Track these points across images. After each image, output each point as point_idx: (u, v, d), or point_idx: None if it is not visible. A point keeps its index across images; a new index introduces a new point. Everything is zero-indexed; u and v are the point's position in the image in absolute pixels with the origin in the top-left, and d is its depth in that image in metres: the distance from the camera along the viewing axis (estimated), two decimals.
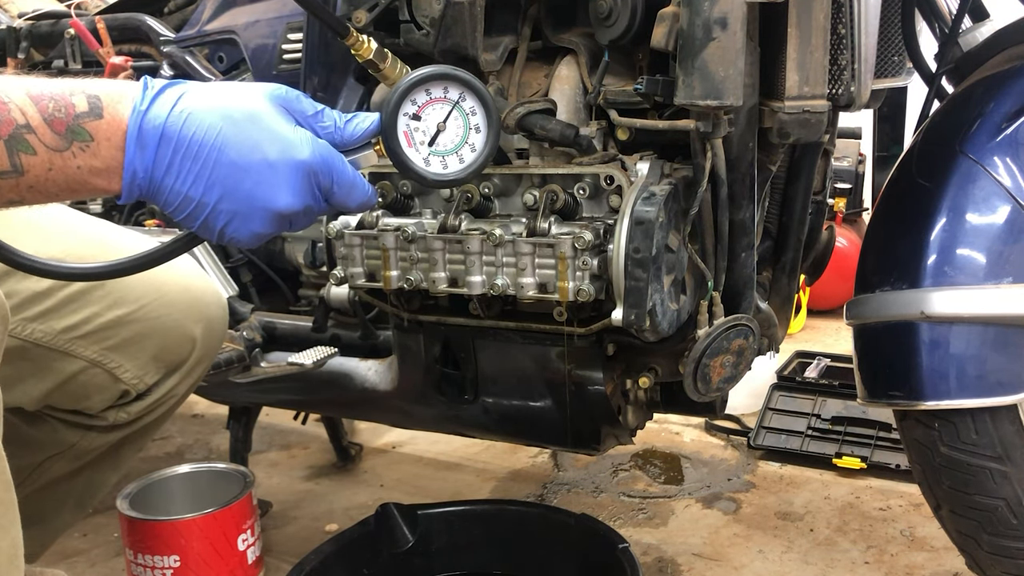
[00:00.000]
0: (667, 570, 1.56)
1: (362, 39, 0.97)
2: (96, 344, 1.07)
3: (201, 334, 1.16)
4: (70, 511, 1.25)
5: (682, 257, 1.12)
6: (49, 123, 0.72)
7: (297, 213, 0.80)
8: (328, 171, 0.79)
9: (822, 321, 2.91)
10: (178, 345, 1.15)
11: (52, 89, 0.73)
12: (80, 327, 1.06)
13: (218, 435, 2.21)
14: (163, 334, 1.12)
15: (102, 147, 0.73)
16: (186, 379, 1.18)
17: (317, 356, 1.38)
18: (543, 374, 1.25)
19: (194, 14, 1.57)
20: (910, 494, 1.75)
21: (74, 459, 1.18)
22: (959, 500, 1.20)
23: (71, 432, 1.15)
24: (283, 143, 0.77)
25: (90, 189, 0.75)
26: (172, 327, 1.13)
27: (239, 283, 1.54)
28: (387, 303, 1.28)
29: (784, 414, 2.03)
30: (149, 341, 1.11)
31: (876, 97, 1.32)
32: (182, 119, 0.74)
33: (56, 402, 1.11)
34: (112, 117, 0.74)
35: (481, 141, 0.87)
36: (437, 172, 0.87)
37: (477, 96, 0.87)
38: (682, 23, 0.99)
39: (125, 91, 0.75)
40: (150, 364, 1.13)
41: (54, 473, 1.18)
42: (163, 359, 1.14)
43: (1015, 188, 1.14)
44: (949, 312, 1.14)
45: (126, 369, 1.11)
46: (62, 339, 1.05)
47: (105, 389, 1.11)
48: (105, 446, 1.18)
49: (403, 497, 1.64)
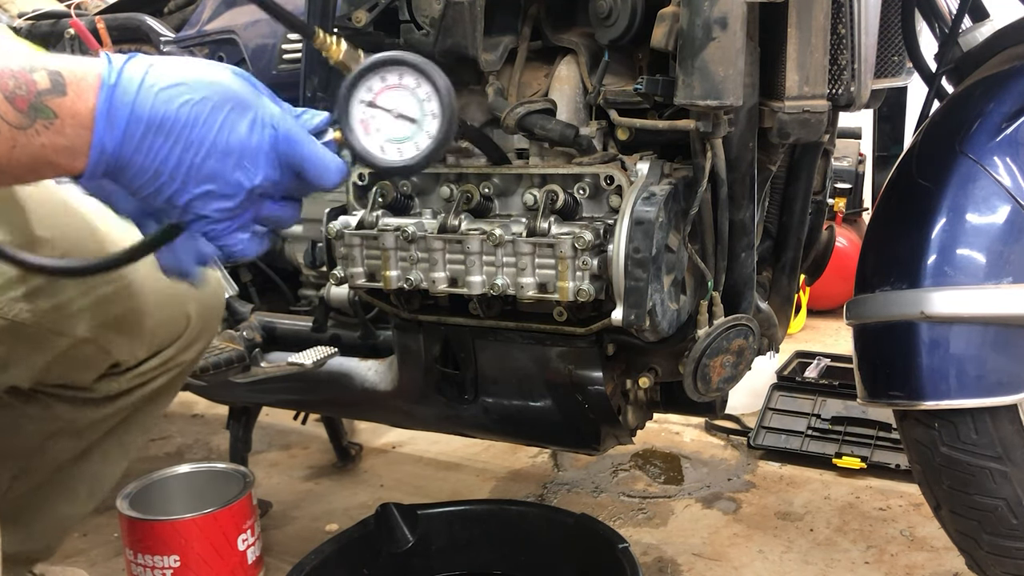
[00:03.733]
0: (667, 570, 1.56)
1: (330, 41, 0.96)
2: (87, 322, 1.07)
3: (195, 310, 1.16)
4: (82, 500, 1.25)
5: (682, 257, 1.12)
6: (11, 101, 0.69)
7: (266, 187, 0.78)
8: (296, 145, 0.78)
9: (822, 321, 2.91)
10: (171, 321, 1.14)
11: (12, 65, 0.71)
12: (69, 305, 1.05)
13: (218, 435, 2.21)
14: (155, 310, 1.11)
15: (67, 125, 0.71)
16: (183, 352, 1.17)
17: (317, 356, 1.38)
18: (543, 374, 1.24)
19: (194, 14, 1.57)
20: (910, 494, 1.75)
21: (76, 437, 1.17)
22: (959, 500, 1.20)
23: (64, 407, 1.14)
24: (251, 117, 0.76)
25: (54, 168, 0.73)
26: (164, 303, 1.12)
27: (239, 283, 1.54)
28: (387, 303, 1.28)
29: (784, 414, 2.03)
30: (141, 317, 1.11)
31: (876, 97, 1.32)
32: (152, 95, 0.73)
33: (47, 378, 1.11)
34: (77, 94, 0.71)
35: (435, 127, 0.85)
36: (392, 160, 0.85)
37: (430, 82, 0.85)
38: (682, 23, 0.99)
39: (88, 67, 0.73)
40: (143, 340, 1.12)
41: (59, 455, 1.18)
42: (156, 334, 1.13)
43: (1015, 188, 1.14)
44: (949, 312, 1.14)
45: (117, 344, 1.11)
46: (52, 318, 1.04)
47: (96, 362, 1.11)
48: (103, 422, 1.17)
49: (403, 497, 1.64)
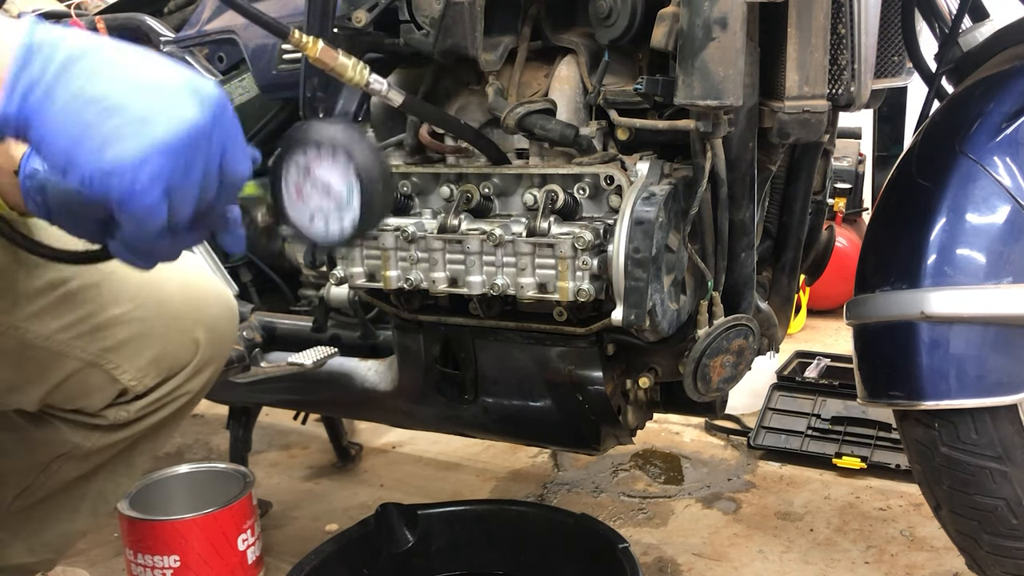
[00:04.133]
0: (667, 570, 1.56)
1: (306, 40, 0.94)
2: (93, 344, 1.07)
3: (205, 337, 1.14)
4: (84, 517, 1.24)
5: (682, 257, 1.12)
6: None
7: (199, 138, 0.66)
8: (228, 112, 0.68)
9: (822, 321, 2.91)
10: (180, 347, 1.13)
11: None
12: (75, 326, 1.05)
13: (218, 435, 2.21)
14: (162, 336, 1.10)
15: None
16: (192, 380, 1.16)
17: (317, 356, 1.38)
18: (543, 374, 1.24)
19: (194, 14, 1.57)
20: (910, 494, 1.75)
21: (82, 460, 1.17)
22: (959, 500, 1.20)
23: (73, 431, 1.14)
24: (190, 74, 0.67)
25: None
26: (172, 328, 1.11)
27: (239, 283, 1.54)
28: (387, 303, 1.28)
29: (784, 414, 2.03)
30: (147, 342, 1.10)
31: (876, 97, 1.32)
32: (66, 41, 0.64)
33: (55, 402, 1.11)
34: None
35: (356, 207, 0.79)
36: (320, 232, 0.81)
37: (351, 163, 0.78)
38: (682, 23, 0.99)
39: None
40: (150, 366, 1.11)
41: (65, 476, 1.18)
42: (163, 361, 1.12)
43: (1015, 188, 1.14)
44: (949, 312, 1.14)
45: (124, 370, 1.09)
46: (58, 339, 1.04)
47: (103, 389, 1.10)
48: (111, 447, 1.17)
49: (403, 497, 1.64)
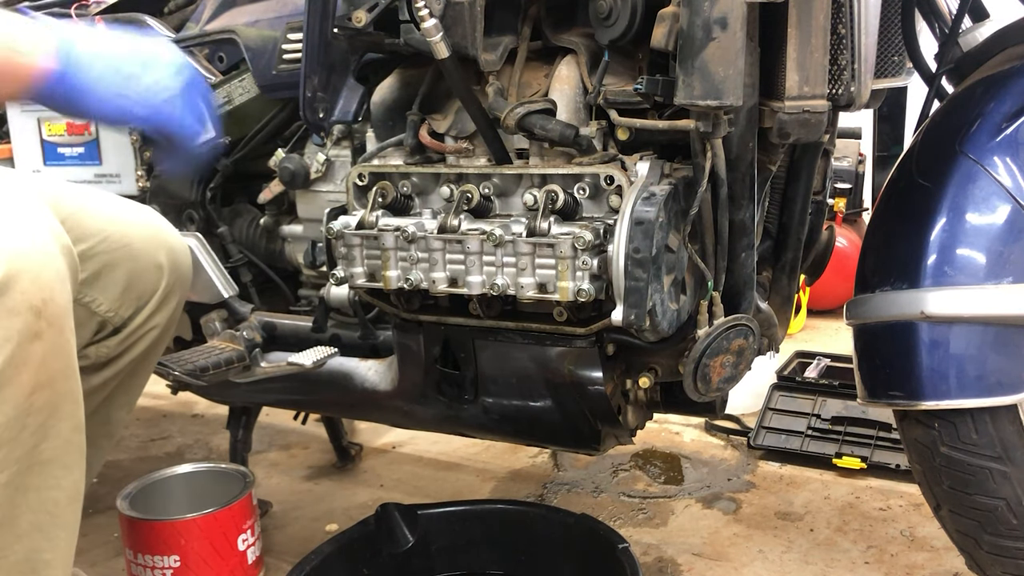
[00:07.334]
0: (667, 570, 1.56)
1: None
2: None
3: (167, 260, 1.22)
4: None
5: (682, 257, 1.12)
6: None
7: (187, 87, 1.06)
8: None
9: (822, 321, 2.92)
10: (146, 272, 1.20)
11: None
12: None
13: (218, 435, 2.21)
14: (130, 262, 1.17)
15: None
16: (160, 310, 1.23)
17: (317, 356, 1.38)
18: (543, 374, 1.24)
19: (194, 14, 1.56)
20: (910, 494, 1.75)
21: None
22: (959, 500, 1.20)
23: None
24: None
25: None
26: (137, 255, 1.18)
27: (239, 283, 1.54)
28: (387, 303, 1.28)
29: (784, 414, 2.03)
30: (117, 271, 1.16)
31: (876, 97, 1.32)
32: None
33: None
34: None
35: None
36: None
37: None
38: (682, 23, 0.99)
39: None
40: (123, 295, 1.18)
41: None
42: (134, 288, 1.19)
43: (1015, 188, 1.14)
44: (949, 312, 1.14)
45: (100, 302, 1.16)
46: None
47: (84, 324, 1.14)
48: (93, 394, 1.20)
49: (403, 497, 1.64)
